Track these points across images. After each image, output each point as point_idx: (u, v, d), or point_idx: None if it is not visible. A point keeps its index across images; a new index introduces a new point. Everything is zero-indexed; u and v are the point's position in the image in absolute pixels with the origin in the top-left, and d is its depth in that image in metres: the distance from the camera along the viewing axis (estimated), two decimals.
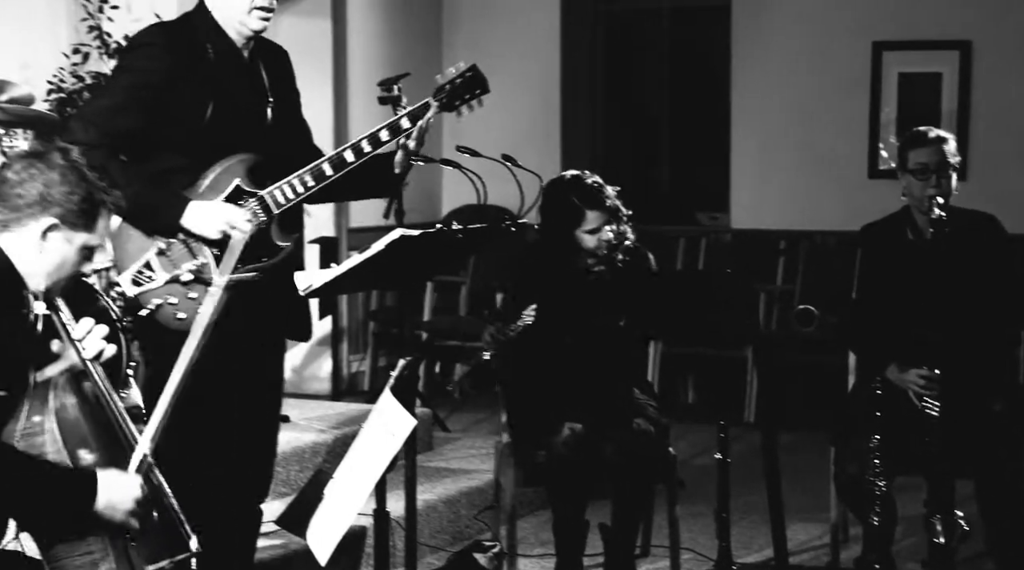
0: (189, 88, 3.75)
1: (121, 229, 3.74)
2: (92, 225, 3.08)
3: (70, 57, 6.97)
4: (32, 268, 3.08)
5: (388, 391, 3.41)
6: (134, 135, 3.72)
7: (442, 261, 4.72)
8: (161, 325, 3.73)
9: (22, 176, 3.05)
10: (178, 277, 3.70)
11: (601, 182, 4.87)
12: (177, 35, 3.81)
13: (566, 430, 4.69)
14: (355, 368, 8.33)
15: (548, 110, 8.91)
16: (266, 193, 3.79)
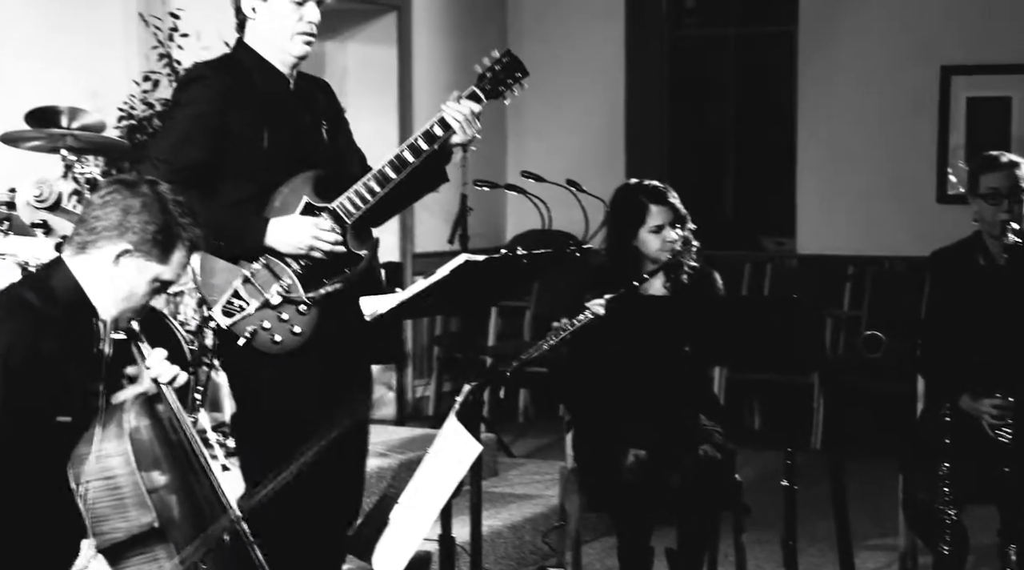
0: (243, 116, 3.80)
1: (204, 264, 3.79)
2: (166, 257, 3.11)
3: (140, 84, 7.06)
4: (101, 294, 3.10)
5: (453, 416, 3.41)
6: (201, 167, 3.77)
7: (507, 286, 4.72)
8: (260, 352, 3.76)
9: (105, 199, 3.09)
10: (268, 301, 3.74)
11: (667, 186, 4.88)
12: (224, 69, 3.88)
13: (631, 456, 4.67)
14: (420, 393, 8.35)
15: (613, 135, 8.91)
16: (336, 204, 3.83)
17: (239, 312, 3.74)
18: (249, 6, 3.84)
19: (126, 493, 3.03)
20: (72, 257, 3.12)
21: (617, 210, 4.91)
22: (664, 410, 4.81)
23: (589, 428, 4.96)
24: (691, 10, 9.52)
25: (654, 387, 4.81)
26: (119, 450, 3.04)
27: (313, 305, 3.77)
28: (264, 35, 3.86)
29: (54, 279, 3.12)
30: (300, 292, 3.77)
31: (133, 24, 7.06)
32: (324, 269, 3.81)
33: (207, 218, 3.69)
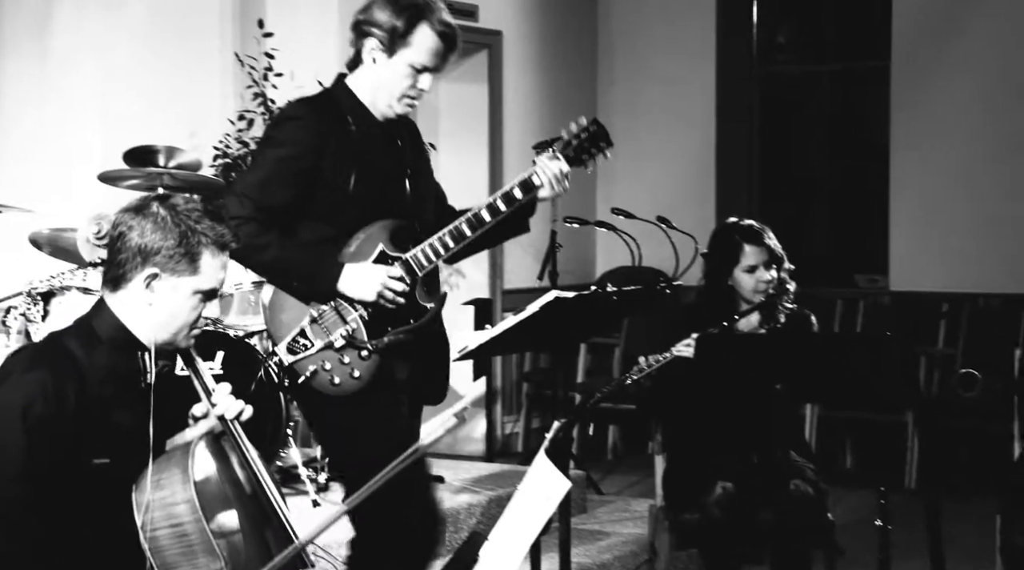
0: (334, 159, 3.82)
1: (275, 300, 3.82)
2: (196, 268, 3.08)
3: (235, 123, 7.17)
4: (146, 324, 3.08)
5: (542, 453, 3.40)
6: (286, 207, 3.80)
7: (596, 323, 4.72)
8: (317, 392, 3.80)
9: (119, 231, 3.08)
10: (332, 343, 3.77)
11: (765, 226, 4.87)
12: (321, 109, 3.90)
13: (719, 489, 4.64)
14: (509, 429, 8.36)
15: (704, 172, 8.90)
16: (410, 256, 3.85)
17: (303, 351, 3.76)
18: (371, 55, 3.87)
19: (194, 540, 3.01)
20: (110, 296, 3.11)
21: (713, 248, 4.91)
22: (754, 445, 4.78)
23: (679, 463, 4.94)
24: (783, 46, 9.48)
25: (745, 423, 4.78)
26: (185, 497, 3.01)
27: (374, 352, 3.79)
28: (373, 85, 3.89)
29: (96, 320, 3.11)
30: (364, 338, 3.79)
31: (229, 64, 7.18)
32: (390, 317, 3.82)
33: (285, 257, 3.74)
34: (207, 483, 3.07)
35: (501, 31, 8.30)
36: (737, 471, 4.70)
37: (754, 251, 4.79)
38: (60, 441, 2.95)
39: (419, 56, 3.84)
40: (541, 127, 8.24)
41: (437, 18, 3.85)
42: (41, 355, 3.04)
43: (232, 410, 3.20)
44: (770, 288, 4.79)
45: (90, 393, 3.01)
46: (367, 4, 3.90)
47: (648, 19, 9.07)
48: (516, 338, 4.05)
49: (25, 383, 2.94)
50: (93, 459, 3.00)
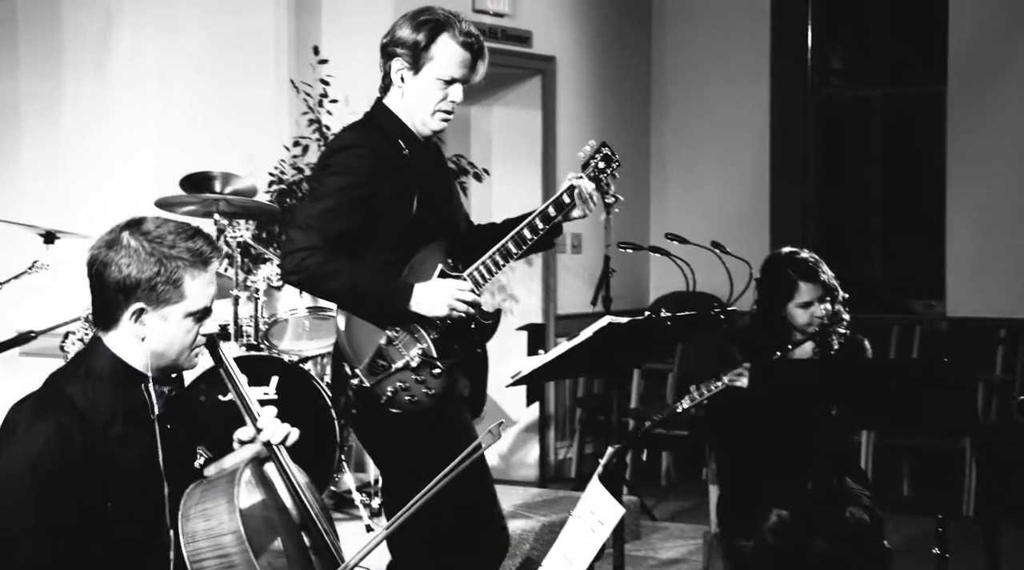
0: (393, 185, 3.85)
1: (350, 324, 3.84)
2: (181, 293, 2.98)
3: (290, 149, 7.22)
4: (144, 356, 3.00)
5: (596, 479, 3.40)
6: (350, 235, 3.83)
7: (650, 348, 4.71)
8: (397, 412, 3.82)
9: (97, 269, 3.00)
10: (409, 363, 3.80)
11: (818, 259, 4.82)
12: (374, 134, 3.92)
13: (773, 516, 4.61)
14: (562, 455, 8.34)
15: (758, 197, 8.86)
16: (467, 273, 3.89)
17: (382, 372, 3.80)
18: (399, 75, 3.91)
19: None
20: (104, 335, 3.04)
21: (766, 281, 4.86)
22: (809, 472, 4.75)
23: (733, 490, 4.91)
24: (838, 70, 9.45)
25: (800, 449, 4.75)
26: (231, 527, 2.98)
27: (446, 368, 3.83)
28: (406, 105, 3.93)
29: (93, 358, 3.03)
30: (435, 355, 3.83)
31: (285, 91, 7.24)
32: (456, 334, 3.86)
33: (355, 283, 3.77)
34: (253, 511, 3.05)
35: (555, 57, 8.32)
36: (792, 498, 4.67)
37: (808, 288, 4.73)
38: (73, 492, 2.89)
39: (444, 68, 3.87)
40: None
41: (459, 29, 3.88)
42: (44, 405, 2.96)
43: (278, 435, 3.17)
44: (825, 320, 4.74)
45: (97, 436, 2.95)
46: (390, 28, 3.96)
47: (702, 43, 9.06)
48: (569, 363, 4.05)
49: (31, 437, 2.88)
50: (108, 502, 2.94)
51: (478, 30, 4.01)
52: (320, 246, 3.75)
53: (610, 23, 8.80)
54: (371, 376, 3.80)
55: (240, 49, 7.26)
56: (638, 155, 8.99)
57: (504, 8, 7.91)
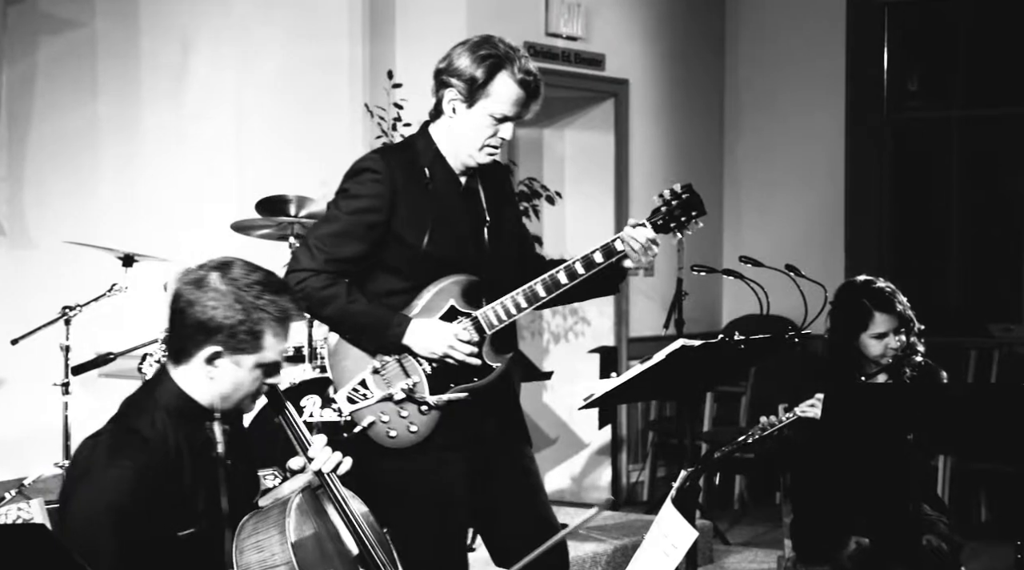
0: (408, 213, 3.79)
1: (339, 347, 3.80)
2: (258, 345, 3.02)
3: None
4: (209, 396, 3.04)
5: (669, 502, 3.38)
6: (358, 260, 3.79)
7: (723, 372, 4.68)
8: (374, 442, 3.76)
9: (181, 305, 3.02)
10: (391, 396, 3.73)
11: (894, 289, 4.75)
12: (398, 160, 3.86)
13: (852, 544, 4.56)
14: (634, 478, 8.31)
15: (833, 220, 8.80)
16: (479, 313, 3.80)
17: (361, 400, 3.73)
18: (451, 106, 3.84)
19: None
20: (173, 368, 3.08)
21: (840, 309, 4.79)
22: (886, 498, 4.70)
23: (808, 515, 4.87)
24: (914, 92, 9.37)
25: (875, 474, 4.70)
26: (284, 558, 2.97)
27: (434, 408, 3.75)
28: (453, 136, 3.85)
29: (160, 391, 3.07)
30: (425, 393, 3.74)
31: (359, 115, 7.29)
32: (454, 374, 3.77)
33: (352, 309, 3.72)
34: (305, 541, 3.04)
35: (628, 80, 8.33)
36: (871, 525, 4.62)
37: (884, 319, 4.67)
38: (148, 529, 2.92)
39: (499, 106, 3.78)
40: (667, 175, 8.24)
41: (518, 67, 3.78)
42: (117, 445, 2.98)
43: (329, 463, 3.17)
44: (898, 352, 4.69)
45: (167, 470, 2.98)
46: (447, 54, 3.87)
47: (776, 64, 9.03)
48: (642, 386, 4.03)
49: (108, 480, 2.91)
50: (177, 532, 2.97)
51: (550, 53, 3.97)
52: (324, 269, 3.72)
53: (683, 45, 8.79)
54: (348, 403, 3.73)
55: (315, 75, 7.33)
56: (711, 177, 8.97)
57: (577, 31, 7.93)
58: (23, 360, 6.14)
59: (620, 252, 3.84)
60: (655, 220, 3.89)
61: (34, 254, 6.74)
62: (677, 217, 3.89)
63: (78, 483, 2.96)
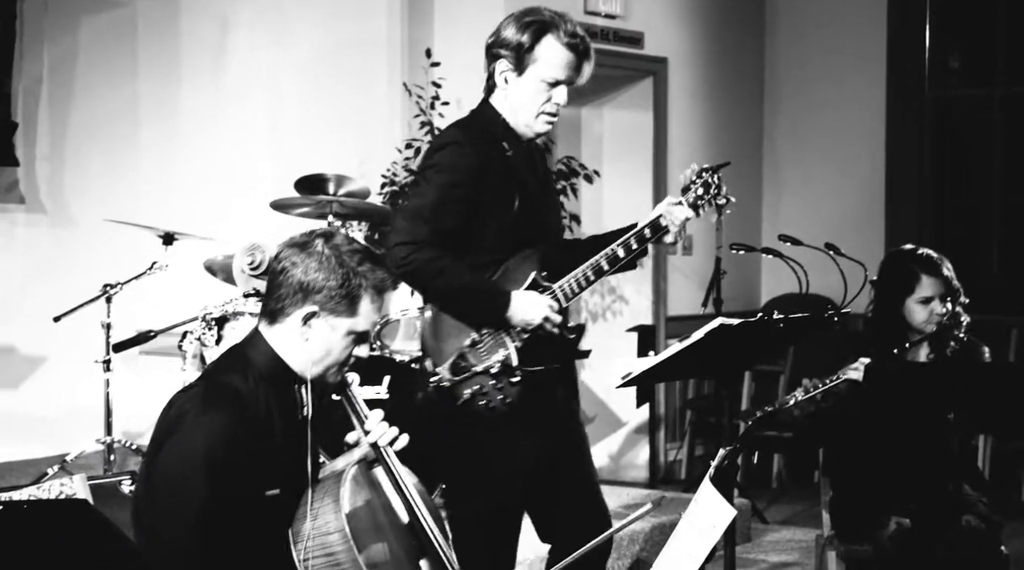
0: (494, 187, 3.83)
1: (437, 321, 3.85)
2: (354, 310, 3.09)
3: (403, 152, 7.28)
4: (300, 358, 3.10)
5: (707, 480, 3.38)
6: (457, 232, 3.83)
7: (761, 351, 4.66)
8: (473, 414, 3.83)
9: (284, 265, 3.10)
10: (488, 368, 3.80)
11: (943, 257, 4.75)
12: (477, 132, 3.90)
13: (893, 524, 4.55)
14: (672, 456, 8.31)
15: (873, 198, 8.75)
16: (557, 286, 3.86)
17: (463, 373, 3.79)
18: (503, 76, 3.89)
19: (346, 569, 3.01)
20: (266, 328, 3.13)
21: (887, 275, 4.79)
22: (926, 478, 4.68)
23: (847, 493, 4.86)
24: (955, 70, 9.29)
25: (915, 453, 4.68)
26: (337, 526, 3.01)
27: (523, 379, 3.80)
28: (510, 107, 3.90)
29: (251, 351, 3.13)
30: (517, 364, 3.81)
31: (397, 94, 7.30)
32: (539, 346, 3.84)
33: (460, 283, 3.77)
34: (359, 511, 3.08)
35: (667, 58, 8.30)
36: (912, 505, 4.61)
37: (931, 282, 4.66)
38: (238, 483, 2.98)
39: (549, 70, 3.83)
40: (706, 154, 8.21)
41: (564, 30, 3.83)
42: (212, 394, 3.04)
43: (385, 437, 3.21)
44: (944, 320, 4.67)
45: (257, 427, 3.04)
46: (496, 28, 3.93)
47: (816, 42, 8.97)
48: (680, 365, 4.03)
49: (203, 426, 2.96)
50: (265, 491, 3.03)
51: (589, 31, 3.99)
52: (429, 241, 3.75)
53: (723, 23, 8.75)
54: (453, 376, 3.80)
55: (354, 53, 7.34)
56: (751, 156, 8.93)
57: (616, 10, 7.90)
58: (65, 338, 6.19)
59: (664, 228, 3.92)
60: (686, 198, 3.98)
61: (75, 232, 6.79)
62: (702, 196, 3.99)
63: (171, 432, 3.00)
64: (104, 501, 4.27)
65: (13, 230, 6.66)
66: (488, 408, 3.81)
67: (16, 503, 3.05)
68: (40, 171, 6.74)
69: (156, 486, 2.99)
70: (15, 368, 6.59)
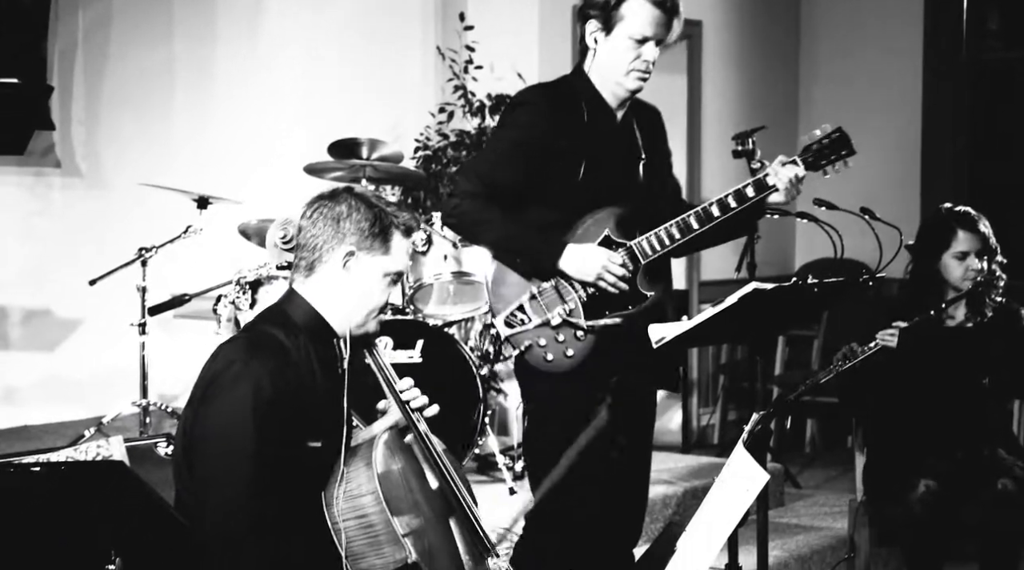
0: (566, 146, 3.87)
1: (498, 274, 3.91)
2: (387, 247, 3.17)
3: (436, 116, 7.27)
4: (340, 307, 3.17)
5: (741, 445, 3.38)
6: (511, 188, 3.87)
7: (795, 315, 4.67)
8: (531, 366, 3.85)
9: (313, 217, 3.18)
10: (549, 321, 3.83)
11: (980, 214, 4.77)
12: (557, 96, 3.94)
13: (922, 486, 4.55)
14: (705, 421, 8.31)
15: (909, 162, 8.69)
16: (634, 243, 3.89)
17: (519, 325, 3.84)
18: (592, 38, 3.92)
19: (379, 531, 3.06)
20: (303, 283, 3.19)
21: (924, 232, 4.83)
22: (960, 441, 4.67)
23: (881, 458, 4.85)
24: (994, 31, 9.19)
25: (950, 418, 4.68)
26: (369, 488, 3.06)
27: (590, 332, 3.84)
28: (601, 67, 3.93)
29: (290, 308, 3.19)
30: (580, 318, 3.84)
31: (431, 58, 7.29)
32: (610, 301, 3.88)
33: (508, 232, 3.82)
34: (390, 475, 3.12)
35: (701, 21, 8.24)
36: (941, 468, 4.60)
37: (967, 237, 4.69)
38: (285, 428, 3.03)
39: (636, 27, 3.86)
40: (740, 118, 8.17)
41: None
42: (259, 343, 3.11)
43: (415, 404, 3.25)
44: (980, 277, 4.67)
45: (301, 377, 3.10)
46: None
47: (851, 7, 8.89)
48: (713, 330, 4.03)
49: (250, 374, 3.01)
50: (308, 442, 3.09)
51: None
52: (480, 193, 3.82)
53: None
54: (506, 328, 3.84)
55: (387, 16, 7.33)
56: (786, 119, 8.88)
57: None
58: (101, 301, 6.23)
59: (771, 186, 3.95)
60: (806, 157, 4.04)
61: (110, 196, 6.81)
62: (827, 155, 4.09)
63: (217, 381, 3.05)
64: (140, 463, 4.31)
65: (49, 194, 6.69)
66: (548, 361, 3.84)
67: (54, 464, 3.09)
68: (76, 134, 6.77)
69: (204, 437, 3.03)
70: (51, 331, 6.64)
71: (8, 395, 6.46)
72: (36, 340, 6.59)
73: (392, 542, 3.06)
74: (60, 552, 2.86)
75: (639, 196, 3.97)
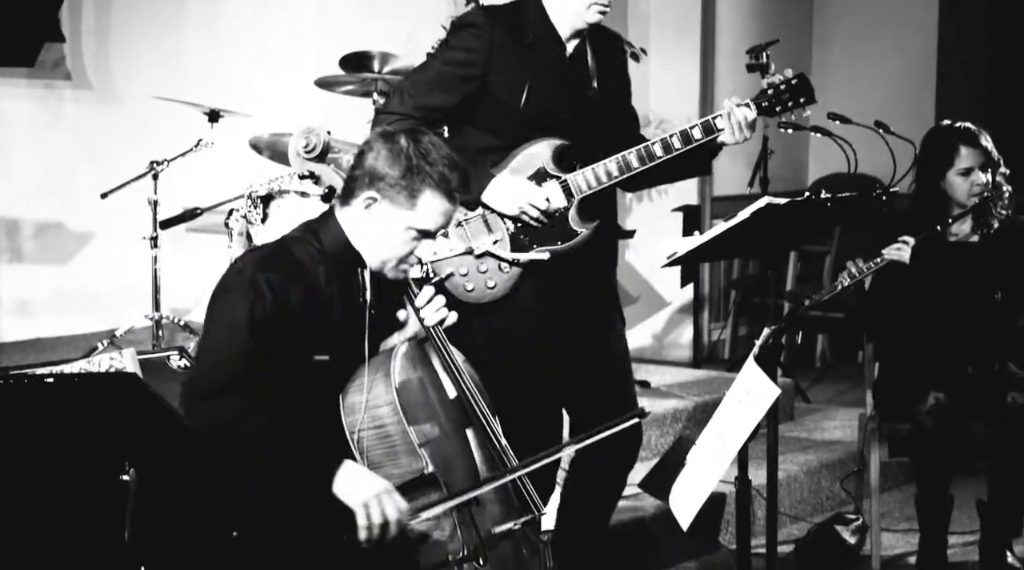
0: (507, 71, 3.80)
1: None
2: (412, 203, 3.13)
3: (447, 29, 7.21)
4: (364, 243, 3.19)
5: (752, 360, 3.39)
6: (447, 111, 3.83)
7: (808, 230, 4.65)
8: (451, 294, 3.79)
9: (364, 150, 3.19)
10: (471, 249, 3.79)
11: (981, 128, 4.74)
12: (501, 19, 3.86)
13: (931, 399, 4.56)
14: (715, 336, 8.32)
15: (924, 74, 8.61)
16: (570, 177, 3.82)
17: (443, 251, 3.78)
18: None
19: (396, 441, 3.08)
20: (339, 209, 3.22)
21: (926, 150, 4.79)
22: (969, 356, 4.68)
23: (891, 372, 4.87)
24: None
25: (961, 333, 4.68)
26: (387, 399, 3.08)
27: (513, 265, 3.78)
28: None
29: (323, 229, 3.22)
30: (506, 251, 3.79)
31: None
32: (539, 236, 3.81)
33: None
34: (408, 385, 3.14)
35: None
36: (951, 382, 4.62)
37: (970, 153, 4.67)
38: (282, 341, 3.07)
39: None
40: (754, 33, 8.09)
41: None
42: (271, 257, 3.16)
43: (435, 316, 3.26)
44: (985, 191, 4.66)
45: (314, 296, 3.13)
46: None
47: None
48: (725, 245, 4.02)
49: (255, 284, 3.07)
50: (314, 356, 3.11)
51: None
52: (409, 114, 3.77)
53: None
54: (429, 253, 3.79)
55: None
56: (800, 33, 8.80)
57: None
58: (112, 214, 6.23)
59: (720, 129, 3.84)
60: (760, 101, 3.92)
61: (121, 109, 6.78)
62: (784, 101, 3.95)
63: (229, 280, 3.14)
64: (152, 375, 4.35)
65: (60, 107, 6.66)
66: (468, 291, 3.79)
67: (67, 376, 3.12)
68: (86, 47, 6.72)
69: (205, 332, 3.14)
70: (64, 244, 6.64)
71: (21, 307, 6.48)
72: (48, 253, 6.60)
73: (408, 452, 3.08)
74: (74, 463, 2.89)
75: (585, 128, 3.86)
